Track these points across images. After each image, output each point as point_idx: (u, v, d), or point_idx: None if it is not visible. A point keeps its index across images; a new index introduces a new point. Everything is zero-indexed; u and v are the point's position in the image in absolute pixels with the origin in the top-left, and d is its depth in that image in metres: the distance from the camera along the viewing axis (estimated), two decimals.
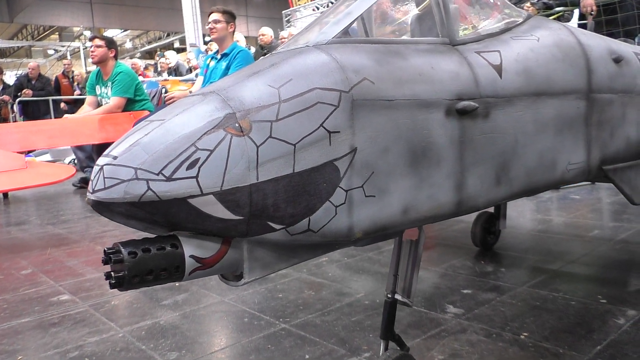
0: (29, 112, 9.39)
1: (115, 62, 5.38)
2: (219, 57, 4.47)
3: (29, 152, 6.54)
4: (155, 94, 6.71)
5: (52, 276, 2.72)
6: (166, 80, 8.10)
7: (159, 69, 10.25)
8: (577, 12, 5.02)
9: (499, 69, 1.37)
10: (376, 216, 1.14)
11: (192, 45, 13.22)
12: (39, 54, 27.81)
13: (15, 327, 2.05)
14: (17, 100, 9.39)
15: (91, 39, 5.55)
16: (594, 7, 4.46)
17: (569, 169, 1.56)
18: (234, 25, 4.46)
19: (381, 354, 1.42)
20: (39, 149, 6.99)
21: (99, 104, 5.48)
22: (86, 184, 5.69)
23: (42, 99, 9.56)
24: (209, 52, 7.54)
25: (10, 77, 13.83)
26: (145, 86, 6.19)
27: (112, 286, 0.92)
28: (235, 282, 1.07)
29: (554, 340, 1.66)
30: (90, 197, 0.92)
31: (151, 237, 0.97)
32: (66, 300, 2.34)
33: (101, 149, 4.60)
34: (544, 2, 5.07)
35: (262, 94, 1.02)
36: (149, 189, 0.89)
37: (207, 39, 12.24)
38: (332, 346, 1.71)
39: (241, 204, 0.95)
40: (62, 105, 9.57)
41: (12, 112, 9.62)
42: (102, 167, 0.92)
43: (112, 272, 0.92)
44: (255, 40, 9.27)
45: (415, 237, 1.41)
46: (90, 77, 5.70)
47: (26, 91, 9.43)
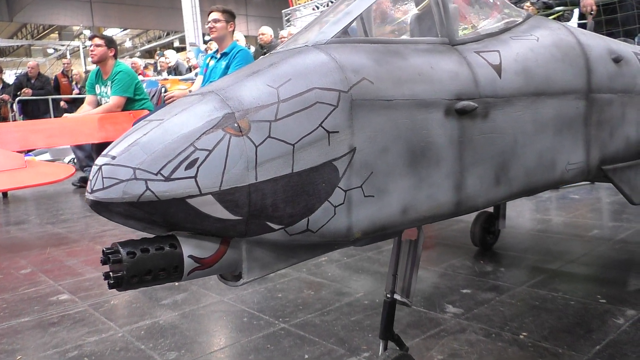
0: (28, 111, 9.39)
1: (114, 62, 5.37)
2: (219, 56, 4.47)
3: (28, 151, 6.54)
4: (154, 93, 6.71)
5: (51, 276, 2.72)
6: (166, 79, 8.11)
7: (159, 68, 10.25)
8: (577, 11, 5.02)
9: (499, 69, 1.36)
10: (375, 216, 1.14)
11: (192, 44, 13.21)
12: (38, 53, 27.77)
13: (14, 326, 2.05)
14: (17, 99, 9.39)
15: (91, 38, 5.55)
16: (594, 7, 4.46)
17: (568, 169, 1.56)
18: (234, 24, 4.46)
19: (380, 353, 1.42)
20: (39, 148, 6.99)
21: (98, 103, 5.48)
22: (86, 183, 5.67)
23: (42, 98, 9.56)
24: (209, 51, 7.53)
25: (9, 76, 13.82)
26: (144, 85, 6.19)
27: (111, 286, 0.92)
28: (234, 282, 1.06)
29: (553, 340, 1.66)
30: (88, 197, 0.92)
31: (150, 237, 0.96)
32: (65, 299, 2.33)
33: (101, 148, 4.60)
34: (543, 2, 5.06)
35: (261, 93, 1.02)
36: (148, 189, 0.89)
37: (206, 38, 12.23)
38: (332, 346, 1.71)
39: (240, 204, 0.95)
40: (62, 104, 9.58)
41: (12, 111, 9.62)
42: (100, 167, 0.92)
43: (110, 273, 0.92)
44: (255, 39, 9.25)
45: (414, 237, 1.41)
46: (89, 77, 5.70)
47: (26, 90, 9.42)
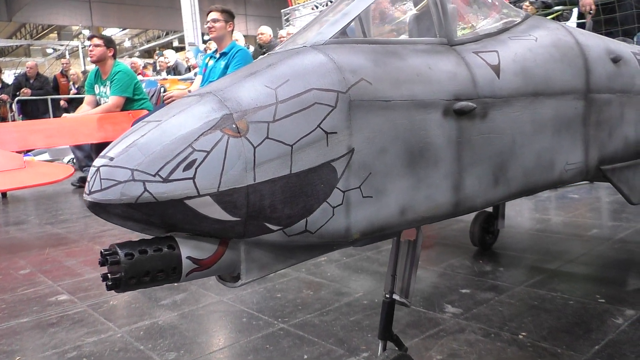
0: (27, 111, 9.39)
1: (114, 61, 5.38)
2: (218, 56, 4.48)
3: (27, 151, 6.53)
4: (154, 93, 6.71)
5: (50, 276, 2.72)
6: (165, 79, 8.10)
7: (158, 68, 10.25)
8: (575, 11, 5.02)
9: (497, 69, 1.36)
10: (374, 217, 1.14)
11: (191, 44, 13.21)
12: (37, 53, 27.75)
13: (13, 327, 2.05)
14: (16, 99, 9.38)
15: (90, 38, 5.55)
16: (593, 6, 4.45)
17: (566, 169, 1.56)
18: (233, 24, 4.46)
19: (379, 354, 1.42)
20: (38, 149, 6.99)
21: (97, 103, 5.48)
22: (85, 183, 5.67)
23: (41, 98, 9.56)
24: (208, 51, 7.53)
25: (8, 76, 13.80)
26: (144, 85, 6.19)
27: (109, 288, 0.92)
28: (232, 283, 1.06)
29: (552, 340, 1.66)
30: (86, 198, 0.92)
31: (148, 239, 0.96)
32: (64, 300, 2.33)
33: (100, 148, 4.60)
34: (542, 1, 5.05)
35: (259, 94, 1.01)
36: (146, 190, 0.89)
37: (205, 38, 12.22)
38: (331, 346, 1.71)
39: (238, 205, 0.95)
40: (63, 103, 9.59)
41: (11, 111, 9.62)
42: (98, 169, 0.92)
43: (108, 274, 0.92)
44: (254, 39, 9.25)
45: (413, 237, 1.41)
46: (88, 77, 5.70)
47: (25, 90, 9.42)
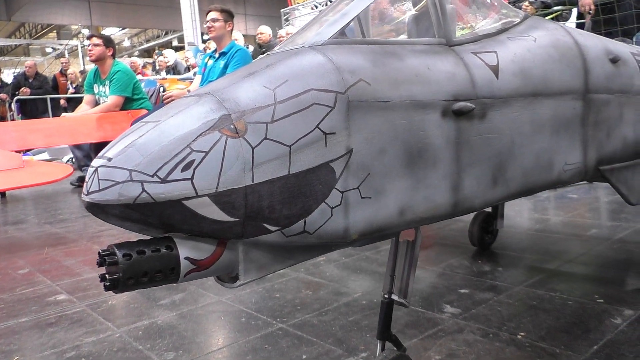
0: (27, 110, 9.39)
1: (113, 61, 5.37)
2: (217, 55, 4.47)
3: (26, 150, 6.53)
4: (153, 93, 6.71)
5: (49, 276, 2.72)
6: (164, 78, 8.10)
7: (157, 68, 10.24)
8: (575, 11, 5.02)
9: (496, 70, 1.36)
10: (372, 217, 1.13)
11: (190, 43, 13.19)
12: (36, 52, 27.72)
13: (12, 327, 2.05)
14: (15, 98, 9.38)
15: (89, 38, 5.54)
16: (592, 6, 4.45)
17: (565, 169, 1.56)
18: (232, 23, 4.46)
19: (378, 354, 1.42)
20: (37, 148, 6.98)
21: (96, 103, 5.47)
22: (84, 183, 5.66)
23: (40, 97, 9.55)
24: (207, 50, 7.53)
25: (8, 76, 13.79)
26: (143, 85, 6.18)
27: (107, 288, 0.92)
28: (230, 284, 1.06)
29: (551, 340, 1.67)
30: (84, 198, 0.92)
31: (146, 239, 0.96)
32: (63, 300, 2.33)
33: (99, 147, 4.60)
34: (542, 1, 5.05)
35: (258, 95, 1.01)
36: (144, 190, 0.89)
37: (205, 38, 12.21)
38: (329, 346, 1.71)
39: (236, 205, 0.95)
40: (63, 102, 9.58)
41: (10, 111, 9.61)
42: (96, 169, 0.92)
43: (106, 275, 0.92)
44: (253, 38, 9.24)
45: (412, 238, 1.41)
46: (88, 76, 5.69)
47: (24, 89, 9.41)
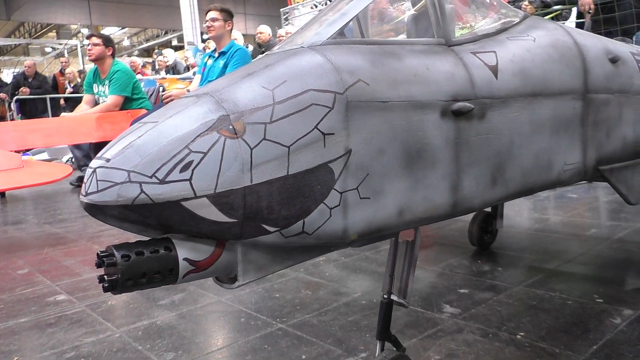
0: (26, 110, 9.39)
1: (112, 61, 5.36)
2: (217, 55, 4.47)
3: (26, 150, 6.52)
4: (152, 92, 6.70)
5: (48, 276, 2.71)
6: (164, 78, 8.09)
7: (157, 67, 10.24)
8: (575, 10, 5.01)
9: (495, 70, 1.36)
10: (371, 218, 1.13)
11: (190, 43, 13.19)
12: (36, 52, 27.71)
13: (11, 327, 2.05)
14: (15, 98, 9.37)
15: (88, 37, 5.53)
16: (592, 6, 4.44)
17: (564, 169, 1.56)
18: (232, 23, 4.45)
19: (377, 354, 1.42)
20: (36, 148, 6.98)
21: (96, 103, 5.47)
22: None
23: (40, 97, 9.55)
24: (207, 50, 7.53)
25: (7, 75, 13.79)
26: (142, 84, 6.18)
27: (106, 289, 0.92)
28: (229, 285, 1.06)
29: (550, 340, 1.67)
30: (83, 199, 0.92)
31: (145, 240, 0.96)
32: (63, 300, 2.33)
33: (98, 147, 4.59)
34: (541, 0, 5.05)
35: (256, 95, 1.01)
36: (142, 191, 0.88)
37: (204, 37, 12.20)
38: (329, 346, 1.71)
39: (235, 206, 0.95)
40: (62, 102, 9.59)
41: (10, 111, 9.61)
42: (95, 170, 0.91)
43: (105, 276, 0.92)
44: (253, 38, 9.23)
45: (411, 238, 1.41)
46: (87, 76, 5.69)
47: (24, 89, 9.41)
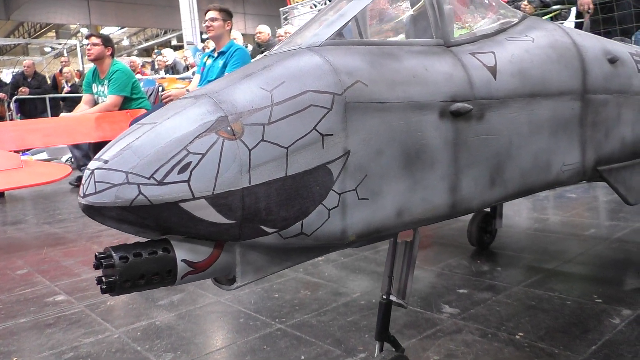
0: (25, 110, 9.38)
1: (111, 60, 5.36)
2: (216, 55, 4.47)
3: (25, 150, 6.52)
4: (152, 92, 6.70)
5: (47, 276, 2.71)
6: (163, 78, 8.09)
7: (156, 67, 10.23)
8: (574, 10, 5.01)
9: (494, 71, 1.36)
10: (370, 219, 1.13)
11: (189, 43, 13.19)
12: (35, 52, 27.71)
13: (10, 327, 2.05)
14: (14, 98, 9.37)
15: (87, 37, 5.53)
16: (591, 5, 4.45)
17: (563, 169, 1.56)
18: (231, 23, 4.46)
19: (376, 355, 1.42)
20: (36, 148, 6.98)
21: (95, 102, 5.46)
22: None
23: (39, 97, 9.54)
24: (206, 49, 7.53)
25: (6, 75, 13.79)
26: (142, 84, 6.18)
27: (104, 291, 0.91)
28: (228, 286, 1.06)
29: (549, 340, 1.67)
30: (81, 201, 0.92)
31: (143, 242, 0.96)
32: (62, 300, 2.33)
33: (98, 147, 4.60)
34: (541, 0, 5.05)
35: (255, 96, 1.01)
36: (140, 193, 0.88)
37: (204, 37, 12.20)
38: (328, 347, 1.71)
39: (233, 207, 0.95)
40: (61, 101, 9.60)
41: (9, 110, 9.60)
42: (93, 171, 0.91)
43: (103, 277, 0.92)
44: (252, 37, 9.24)
45: (410, 238, 1.41)
46: (86, 75, 5.69)
47: (23, 89, 9.40)
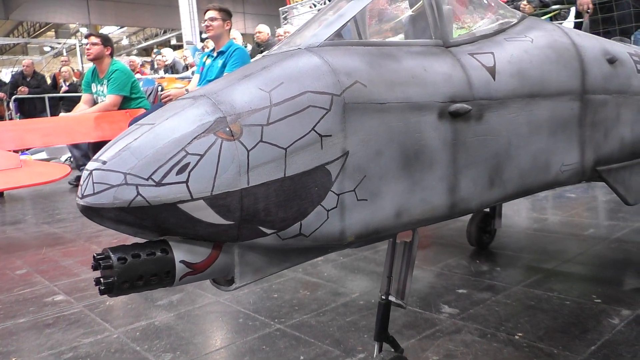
0: (25, 109, 9.37)
1: (111, 60, 5.35)
2: (215, 54, 4.47)
3: (24, 150, 6.52)
4: (151, 92, 6.70)
5: (47, 276, 2.71)
6: (162, 77, 8.09)
7: (156, 67, 10.23)
8: (573, 10, 5.02)
9: (493, 71, 1.36)
10: (368, 220, 1.13)
11: (189, 42, 13.18)
12: (35, 51, 27.70)
13: (9, 327, 2.04)
14: (13, 97, 9.36)
15: (87, 37, 5.52)
16: (591, 5, 4.44)
17: (562, 170, 1.56)
18: (230, 22, 4.45)
19: (375, 355, 1.42)
20: (35, 147, 6.97)
21: (94, 102, 5.46)
22: None
23: (38, 96, 9.53)
24: (206, 49, 7.52)
25: (5, 75, 13.78)
26: (141, 84, 6.17)
27: (102, 292, 0.91)
28: (226, 287, 1.06)
29: (549, 340, 1.67)
30: (79, 202, 0.92)
31: (141, 243, 0.96)
32: (61, 300, 2.33)
33: (97, 147, 4.59)
34: (540, 0, 5.05)
35: (253, 97, 1.01)
36: (139, 194, 0.88)
37: (203, 37, 12.19)
38: (327, 347, 1.71)
39: (232, 208, 0.94)
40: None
41: (8, 110, 9.59)
42: (91, 172, 0.91)
43: (101, 278, 0.92)
44: (252, 37, 9.23)
45: (409, 239, 1.41)
46: (86, 75, 5.68)
47: (22, 89, 9.39)
